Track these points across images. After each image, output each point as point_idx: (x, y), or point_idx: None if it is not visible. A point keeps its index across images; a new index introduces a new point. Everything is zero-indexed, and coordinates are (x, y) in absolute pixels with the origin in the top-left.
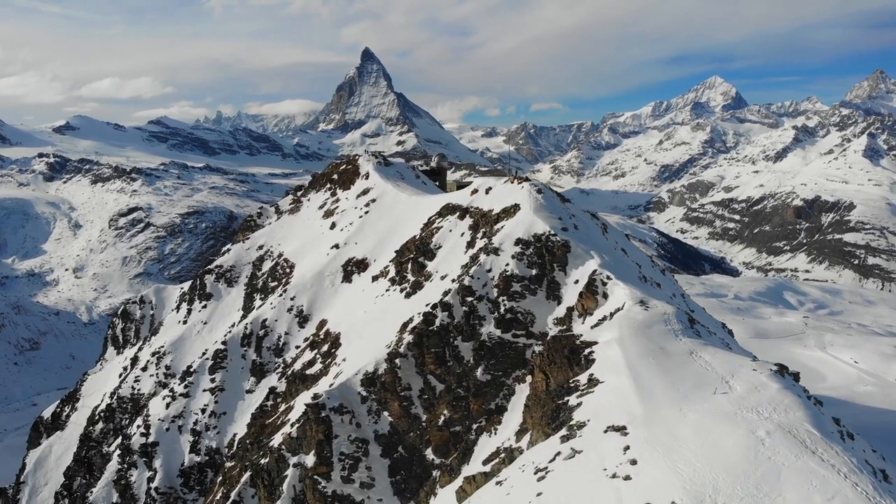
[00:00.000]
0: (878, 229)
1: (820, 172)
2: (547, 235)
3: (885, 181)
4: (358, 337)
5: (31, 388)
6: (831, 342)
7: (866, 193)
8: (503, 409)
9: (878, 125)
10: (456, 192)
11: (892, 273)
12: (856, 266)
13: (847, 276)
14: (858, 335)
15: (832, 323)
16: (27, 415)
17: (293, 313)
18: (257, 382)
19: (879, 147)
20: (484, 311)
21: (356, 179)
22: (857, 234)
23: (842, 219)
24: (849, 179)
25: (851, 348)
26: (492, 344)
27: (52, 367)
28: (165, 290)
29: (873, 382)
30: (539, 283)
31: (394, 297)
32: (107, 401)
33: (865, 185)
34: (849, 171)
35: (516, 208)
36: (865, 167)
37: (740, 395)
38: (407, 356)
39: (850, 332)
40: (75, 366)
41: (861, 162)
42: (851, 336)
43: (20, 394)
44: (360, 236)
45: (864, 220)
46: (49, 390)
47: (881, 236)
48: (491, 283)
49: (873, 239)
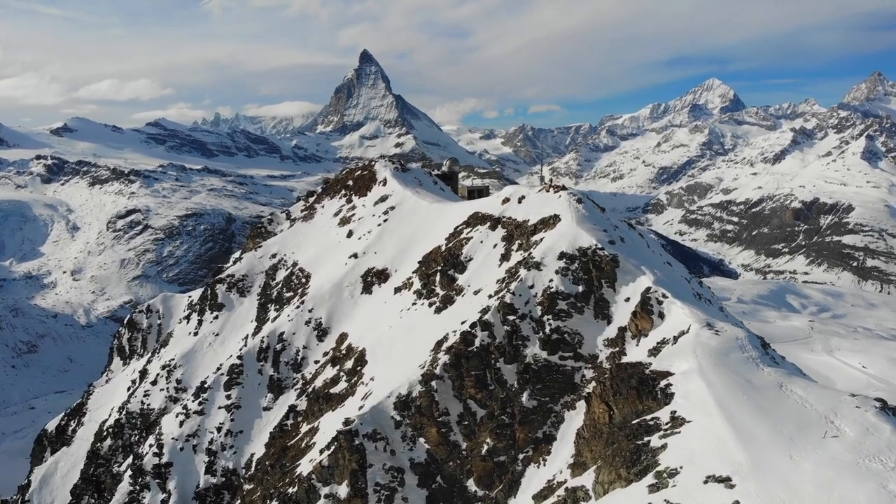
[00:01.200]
0: (876, 231)
1: (818, 175)
2: (593, 249)
3: (884, 183)
4: (385, 354)
5: (28, 391)
6: (838, 346)
7: (865, 196)
8: (551, 437)
9: (877, 127)
10: (483, 200)
11: (890, 275)
12: (854, 268)
13: (846, 278)
14: (865, 339)
15: (837, 327)
16: (25, 418)
17: (311, 326)
18: (275, 399)
19: (878, 149)
20: (528, 331)
21: (373, 186)
22: (856, 237)
23: (840, 221)
24: (847, 182)
25: (859, 353)
26: (538, 367)
27: (50, 370)
28: (173, 299)
29: (883, 388)
30: (586, 300)
31: (422, 311)
32: (115, 416)
33: (864, 188)
34: (847, 173)
35: (556, 219)
36: (864, 169)
37: (854, 441)
38: (443, 378)
39: (857, 336)
40: (73, 369)
41: (859, 164)
42: (858, 340)
43: (18, 397)
44: (379, 245)
45: (862, 222)
46: (47, 393)
47: (880, 238)
48: (534, 301)
49: (872, 241)
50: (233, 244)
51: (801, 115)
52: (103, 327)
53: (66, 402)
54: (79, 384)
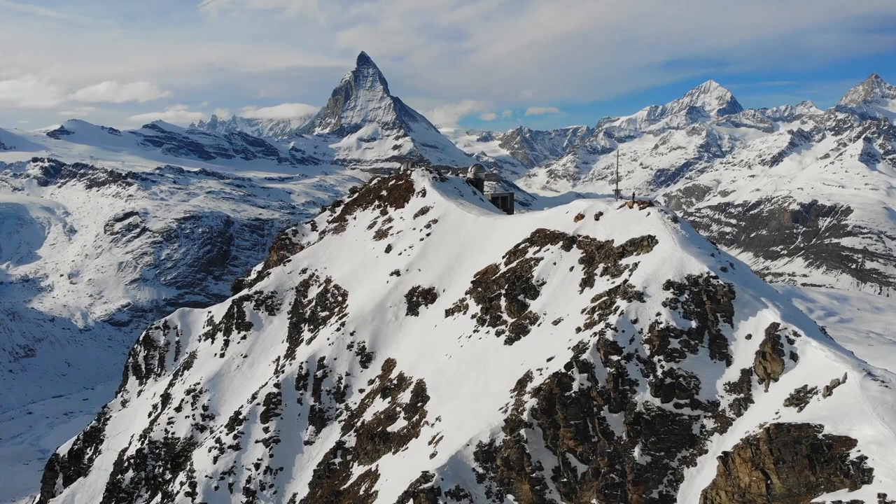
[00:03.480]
0: (875, 233)
1: (816, 177)
2: (706, 277)
3: (882, 185)
4: (451, 390)
5: (26, 395)
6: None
7: (863, 198)
8: (670, 499)
9: (874, 129)
10: (545, 215)
11: (889, 277)
12: (853, 270)
13: (845, 280)
14: (879, 345)
15: (849, 332)
16: (22, 423)
17: (354, 351)
18: (317, 432)
19: (875, 151)
20: (635, 374)
21: (410, 196)
22: (855, 239)
23: (839, 223)
24: (845, 184)
25: (876, 360)
26: (650, 416)
27: (48, 375)
28: (191, 314)
29: None
30: (699, 337)
31: (488, 341)
32: (136, 444)
33: (862, 190)
34: (845, 175)
35: (651, 241)
36: (862, 171)
37: None
38: (532, 426)
39: (871, 342)
40: (71, 373)
41: (857, 166)
42: (873, 346)
43: (15, 401)
44: (423, 262)
45: (861, 224)
46: (44, 398)
47: (878, 240)
48: (639, 338)
49: (871, 243)
50: (231, 247)
51: (799, 118)
52: (101, 331)
53: (64, 407)
54: (77, 388)
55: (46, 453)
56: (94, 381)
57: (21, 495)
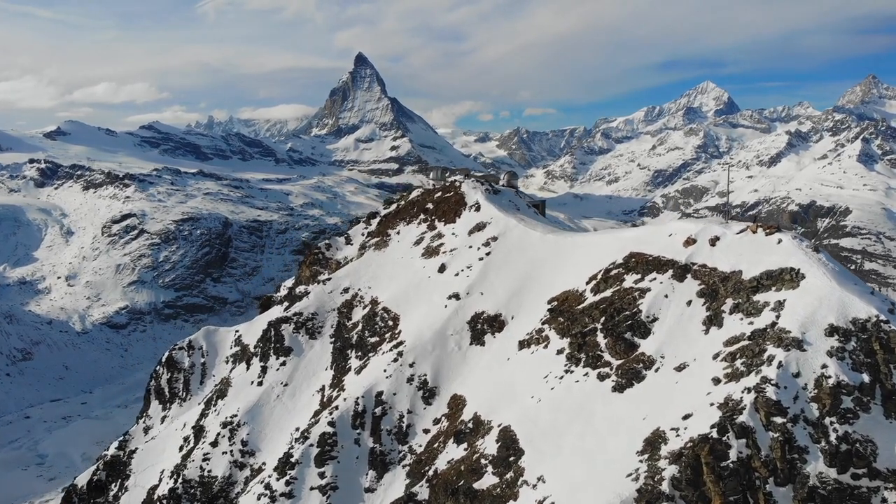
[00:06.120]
0: (874, 234)
1: (814, 177)
2: (875, 322)
3: (880, 186)
4: (551, 444)
5: (23, 400)
6: None
7: (861, 198)
8: None
9: (872, 130)
10: (639, 233)
11: (889, 278)
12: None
13: None
14: None
15: None
16: (20, 427)
17: (415, 385)
18: (378, 478)
19: (874, 152)
20: (804, 440)
21: (462, 210)
22: (854, 240)
23: (838, 224)
24: (844, 184)
25: None
26: (827, 491)
27: (46, 378)
28: (217, 334)
29: None
30: (871, 393)
31: (589, 385)
32: (168, 482)
33: (860, 191)
34: (843, 176)
35: (795, 275)
36: (860, 172)
37: None
38: (674, 499)
39: None
40: (69, 376)
41: (856, 167)
42: None
43: (13, 406)
44: (484, 284)
45: (860, 225)
46: (42, 402)
47: (877, 241)
48: (803, 395)
49: (870, 244)
50: (230, 249)
51: (796, 118)
52: (99, 334)
53: (61, 411)
54: (75, 392)
55: (45, 458)
56: (91, 385)
57: (19, 501)
